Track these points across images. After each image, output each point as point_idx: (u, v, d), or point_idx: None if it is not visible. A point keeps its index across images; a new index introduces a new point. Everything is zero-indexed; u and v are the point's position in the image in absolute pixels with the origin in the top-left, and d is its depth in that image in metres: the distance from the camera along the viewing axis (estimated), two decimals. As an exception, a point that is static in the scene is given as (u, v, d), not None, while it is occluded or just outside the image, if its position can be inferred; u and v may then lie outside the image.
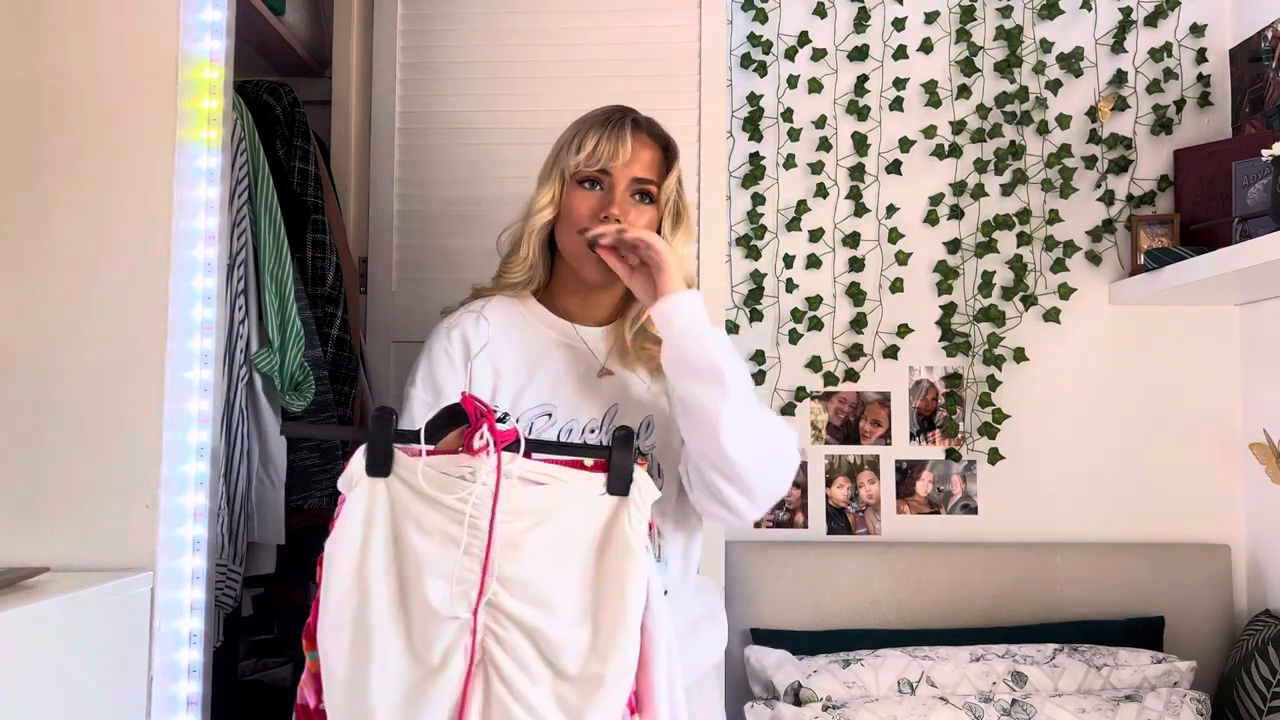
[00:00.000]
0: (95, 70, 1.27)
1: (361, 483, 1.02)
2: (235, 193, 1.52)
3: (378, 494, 1.03)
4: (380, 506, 1.02)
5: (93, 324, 1.25)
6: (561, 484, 1.04)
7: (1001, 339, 2.22)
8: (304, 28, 2.14)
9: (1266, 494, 2.09)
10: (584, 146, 1.29)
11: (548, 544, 1.02)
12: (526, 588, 1.01)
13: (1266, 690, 1.84)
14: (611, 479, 1.04)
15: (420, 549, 1.01)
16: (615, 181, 1.29)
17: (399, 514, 1.02)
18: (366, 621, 1.00)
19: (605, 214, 1.27)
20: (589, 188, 1.30)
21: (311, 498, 1.66)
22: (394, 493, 1.03)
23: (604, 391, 1.32)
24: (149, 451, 1.23)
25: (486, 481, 1.01)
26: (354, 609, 1.01)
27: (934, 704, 1.81)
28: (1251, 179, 1.84)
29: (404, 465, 1.03)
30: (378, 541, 1.02)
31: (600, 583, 1.02)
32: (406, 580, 1.01)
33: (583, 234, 1.25)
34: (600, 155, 1.28)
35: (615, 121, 1.31)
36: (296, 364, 1.59)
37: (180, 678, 1.25)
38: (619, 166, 1.29)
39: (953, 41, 2.28)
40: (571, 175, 1.31)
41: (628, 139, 1.29)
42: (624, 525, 1.04)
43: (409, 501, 1.02)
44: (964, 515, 2.22)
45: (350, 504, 1.02)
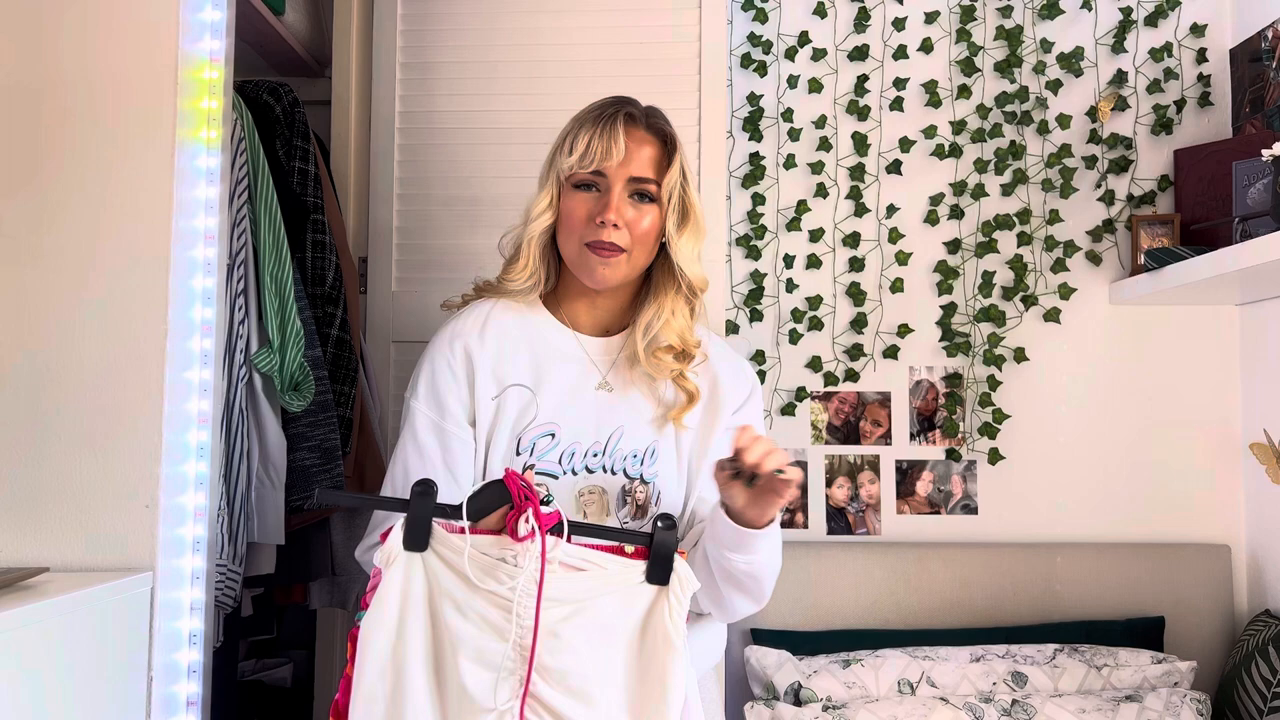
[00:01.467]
0: (95, 70, 1.27)
1: (399, 559, 0.98)
2: (235, 193, 1.52)
3: (414, 570, 0.99)
4: (418, 584, 0.99)
5: (93, 324, 1.25)
6: (601, 570, 1.01)
7: (1002, 339, 2.22)
8: (304, 28, 2.14)
9: (1266, 494, 2.09)
10: (575, 148, 1.23)
11: (587, 634, 0.99)
12: (565, 679, 0.98)
13: (1267, 690, 1.84)
14: (652, 567, 1.00)
15: (459, 632, 0.97)
16: (611, 183, 1.23)
17: (436, 593, 0.99)
18: (400, 704, 0.97)
19: (602, 219, 1.21)
20: (585, 190, 1.24)
21: (311, 498, 1.66)
22: (431, 570, 0.99)
23: (608, 413, 1.27)
24: (149, 451, 1.23)
25: (529, 569, 0.97)
26: (388, 691, 0.97)
27: (934, 704, 1.81)
28: (1252, 179, 1.84)
29: (443, 542, 0.99)
30: (414, 622, 0.98)
31: (641, 676, 1.00)
32: (443, 663, 0.98)
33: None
34: (592, 156, 1.22)
35: (607, 118, 1.24)
36: (296, 364, 1.59)
37: (180, 678, 1.25)
38: (613, 167, 1.22)
39: (953, 41, 2.28)
40: (566, 179, 1.25)
41: (620, 137, 1.22)
42: (664, 616, 1.00)
43: (448, 582, 0.98)
44: (964, 515, 2.22)
45: (387, 582, 0.98)
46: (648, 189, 1.25)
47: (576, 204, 1.24)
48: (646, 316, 1.28)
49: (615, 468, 1.27)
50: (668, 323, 1.27)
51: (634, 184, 1.24)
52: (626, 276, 1.27)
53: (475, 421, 1.27)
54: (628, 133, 1.24)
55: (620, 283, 1.27)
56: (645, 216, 1.25)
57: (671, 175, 1.25)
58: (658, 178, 1.25)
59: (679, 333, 1.28)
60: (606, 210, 1.21)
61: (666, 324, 1.27)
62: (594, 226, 1.22)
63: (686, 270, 1.28)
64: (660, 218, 1.26)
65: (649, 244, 1.26)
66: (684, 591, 1.01)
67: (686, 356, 1.29)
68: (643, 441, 1.27)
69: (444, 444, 1.25)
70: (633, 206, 1.24)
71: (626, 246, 1.24)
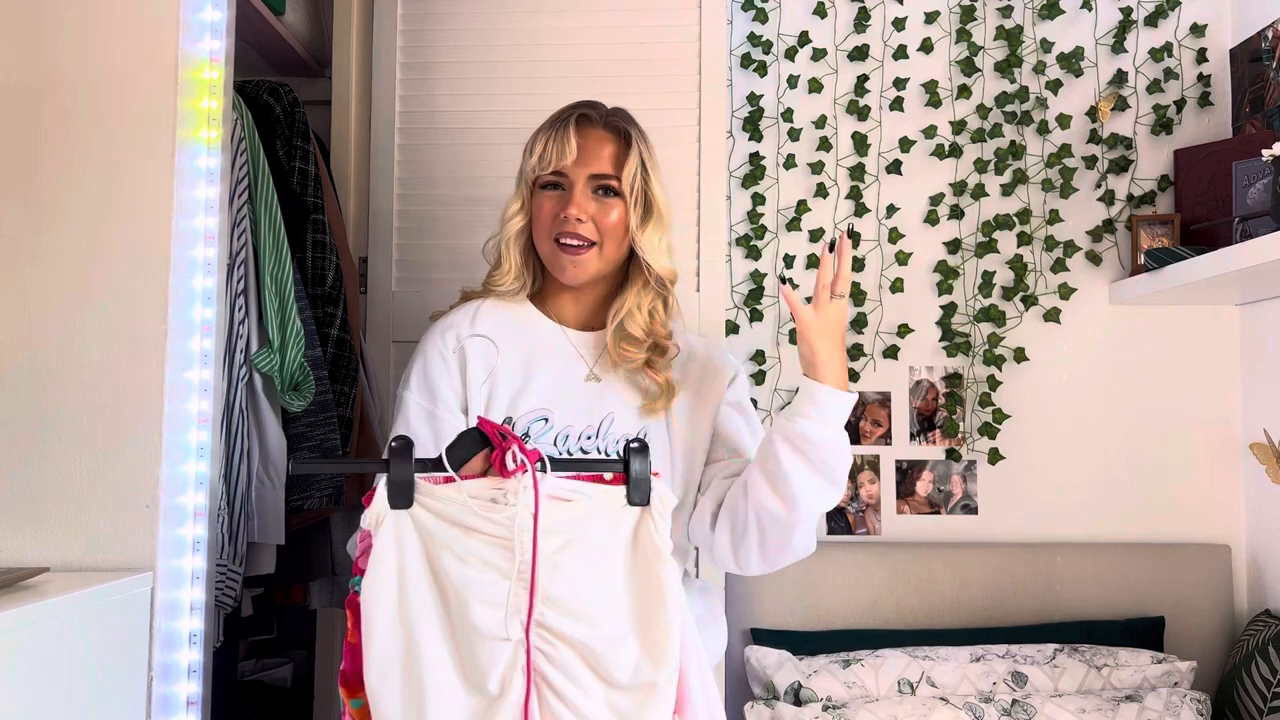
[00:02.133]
0: (95, 70, 1.27)
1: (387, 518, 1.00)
2: (235, 193, 1.52)
3: (405, 527, 1.00)
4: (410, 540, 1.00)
5: (93, 324, 1.25)
6: (586, 499, 1.04)
7: (1002, 339, 2.22)
8: (304, 28, 2.14)
9: (1266, 494, 2.09)
10: (534, 150, 1.30)
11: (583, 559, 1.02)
12: (569, 604, 1.01)
13: (1267, 690, 1.84)
14: (631, 490, 1.04)
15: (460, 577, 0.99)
16: (572, 181, 1.29)
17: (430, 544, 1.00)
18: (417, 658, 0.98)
19: (564, 214, 1.27)
20: (552, 190, 1.30)
21: (311, 498, 1.66)
22: (421, 523, 1.00)
23: (598, 401, 1.31)
24: (149, 451, 1.23)
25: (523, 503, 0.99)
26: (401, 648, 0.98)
27: (934, 704, 1.81)
28: (1252, 179, 1.84)
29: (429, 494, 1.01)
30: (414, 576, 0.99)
31: (639, 591, 1.03)
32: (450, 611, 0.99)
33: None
34: (549, 158, 1.28)
35: (562, 121, 1.31)
36: (296, 364, 1.59)
37: (180, 678, 1.25)
38: (570, 166, 1.28)
39: (953, 41, 2.28)
40: (533, 182, 1.31)
41: (571, 138, 1.28)
42: (650, 532, 1.04)
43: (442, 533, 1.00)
44: (964, 515, 2.22)
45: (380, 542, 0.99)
46: (609, 184, 1.30)
47: (544, 203, 1.30)
48: (615, 310, 1.32)
49: (609, 450, 1.30)
50: (632, 314, 1.31)
51: (595, 180, 1.29)
52: (599, 270, 1.31)
53: (467, 409, 1.31)
54: (583, 132, 1.30)
55: (593, 277, 1.32)
56: (612, 210, 1.29)
57: (629, 168, 1.29)
58: (617, 172, 1.30)
59: (643, 326, 1.32)
60: (568, 206, 1.27)
61: (631, 316, 1.31)
62: (559, 222, 1.28)
63: (652, 263, 1.32)
64: (626, 211, 1.30)
65: (618, 236, 1.31)
66: (665, 508, 1.05)
67: (658, 349, 1.33)
68: (633, 427, 1.31)
69: (436, 430, 1.28)
70: (596, 201, 1.29)
71: (595, 239, 1.29)
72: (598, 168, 1.29)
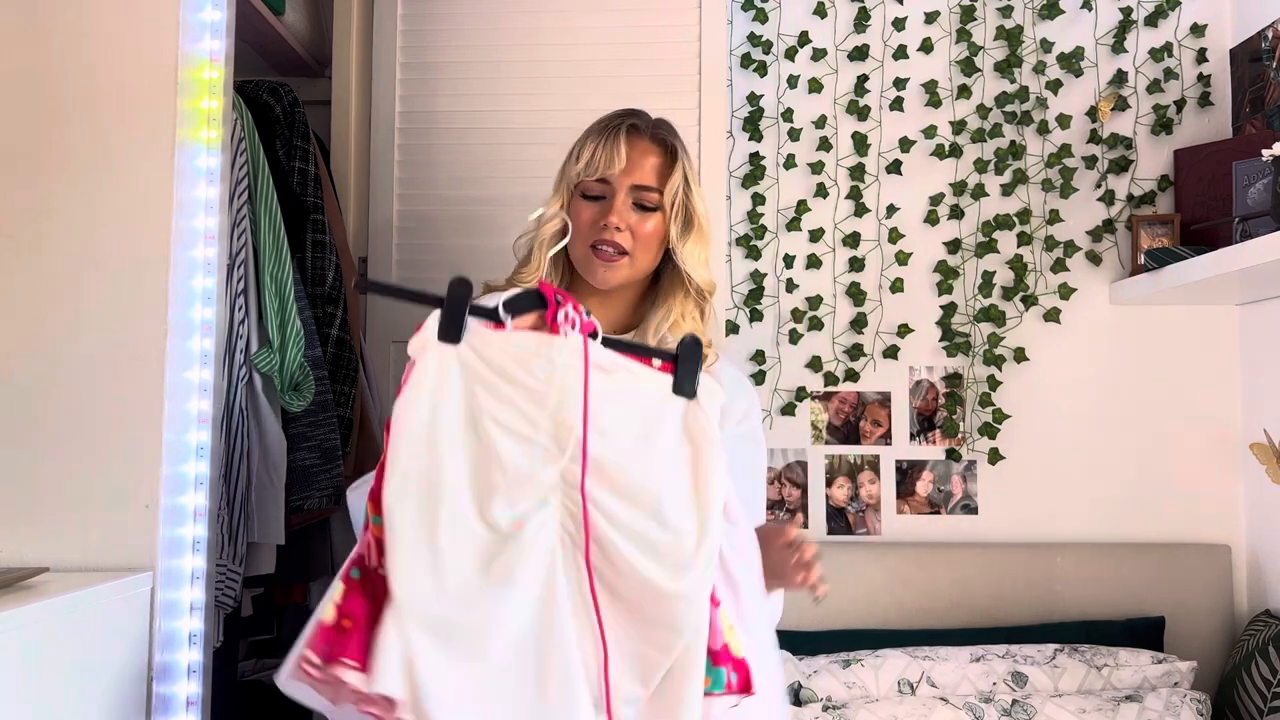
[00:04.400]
0: (95, 70, 1.27)
1: (432, 347, 0.96)
2: (235, 193, 1.52)
3: (448, 361, 0.96)
4: (453, 374, 0.96)
5: (93, 324, 1.25)
6: (632, 375, 1.03)
7: (1002, 339, 2.22)
8: (304, 28, 2.14)
9: (1266, 494, 2.09)
10: (582, 156, 1.30)
11: (628, 428, 1.00)
12: (610, 469, 0.99)
13: (1267, 690, 1.84)
14: (679, 380, 1.02)
15: (494, 414, 0.96)
16: (615, 190, 1.29)
17: (470, 381, 0.97)
18: (437, 482, 0.95)
19: (604, 223, 1.27)
20: (593, 199, 1.30)
21: (311, 498, 1.66)
22: (466, 363, 0.97)
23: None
24: (149, 451, 1.23)
25: (568, 360, 0.98)
26: (422, 470, 0.95)
27: (934, 704, 1.81)
28: (1251, 179, 1.84)
29: (477, 335, 0.98)
30: (448, 406, 0.96)
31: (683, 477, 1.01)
32: (478, 445, 0.96)
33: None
34: (596, 164, 1.29)
35: (612, 129, 1.31)
36: (296, 364, 1.59)
37: (180, 678, 1.25)
38: (616, 175, 1.29)
39: (953, 41, 2.28)
40: (575, 186, 1.31)
41: (622, 147, 1.29)
42: (700, 420, 1.03)
43: (482, 371, 0.97)
44: (964, 515, 2.22)
45: (421, 367, 0.96)
46: (650, 197, 1.30)
47: (584, 210, 1.30)
48: (655, 319, 1.33)
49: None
50: (676, 324, 1.32)
51: (637, 192, 1.30)
52: (629, 278, 1.32)
53: None
54: (631, 143, 1.31)
55: (623, 283, 1.32)
56: (648, 221, 1.30)
57: (673, 183, 1.31)
58: (660, 185, 1.31)
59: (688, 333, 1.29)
60: (609, 214, 1.28)
61: (675, 325, 1.32)
62: (598, 229, 1.28)
63: (694, 275, 1.33)
64: (664, 223, 1.31)
65: (652, 247, 1.32)
66: (712, 403, 1.04)
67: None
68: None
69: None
70: (636, 212, 1.30)
71: (629, 249, 1.29)
72: (641, 179, 1.30)
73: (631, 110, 1.36)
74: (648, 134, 1.33)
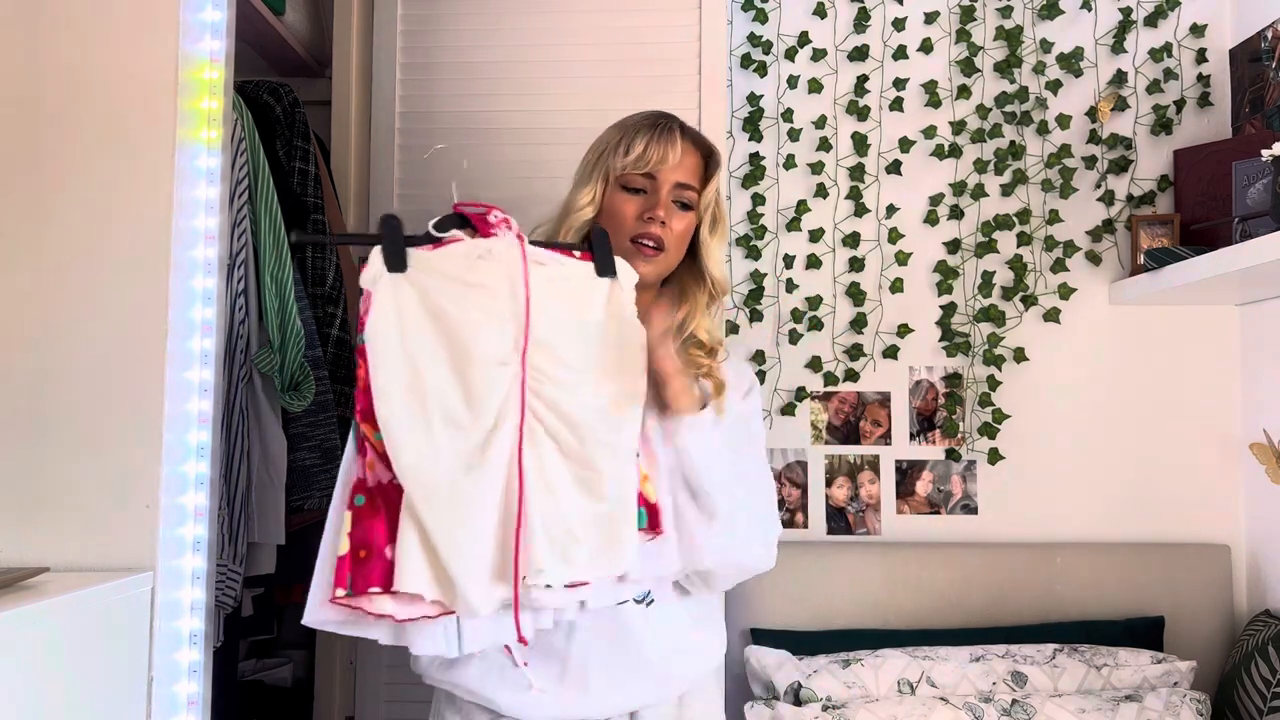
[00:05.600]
0: (95, 70, 1.27)
1: (384, 277, 1.06)
2: (235, 193, 1.52)
3: (401, 287, 1.06)
4: (409, 294, 1.06)
5: (93, 324, 1.25)
6: (561, 264, 1.14)
7: (1001, 339, 2.23)
8: (304, 28, 2.14)
9: (1266, 494, 2.09)
10: (633, 149, 1.30)
11: (564, 309, 1.12)
12: (554, 347, 1.10)
13: (1266, 690, 1.84)
14: (599, 264, 1.16)
15: (459, 319, 1.06)
16: (660, 185, 1.30)
17: (428, 297, 1.06)
18: (421, 389, 1.04)
19: (650, 215, 1.29)
20: (634, 192, 1.31)
21: (311, 498, 1.66)
22: (418, 282, 1.06)
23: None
24: (149, 451, 1.23)
25: (511, 254, 1.09)
26: (406, 381, 1.04)
27: (934, 704, 1.81)
28: (1251, 179, 1.84)
29: (423, 258, 1.07)
30: (414, 322, 1.05)
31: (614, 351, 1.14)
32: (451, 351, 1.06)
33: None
34: (650, 158, 1.30)
35: (664, 126, 1.33)
36: (296, 364, 1.59)
37: (180, 678, 1.25)
38: (666, 170, 1.30)
39: (953, 41, 2.28)
40: (617, 178, 1.32)
41: (677, 143, 1.31)
42: (621, 299, 1.16)
43: (436, 286, 1.06)
44: (964, 515, 2.22)
45: (379, 296, 1.05)
46: (689, 196, 1.33)
47: (625, 203, 1.31)
48: (680, 316, 1.34)
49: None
50: (700, 322, 1.35)
51: (678, 189, 1.32)
52: (660, 274, 1.34)
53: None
54: (681, 141, 1.33)
55: (655, 279, 1.35)
56: (682, 220, 1.33)
57: (714, 185, 1.35)
58: (700, 186, 1.34)
59: (709, 330, 1.36)
60: (656, 208, 1.29)
61: (699, 324, 1.35)
62: (641, 223, 1.30)
63: (714, 271, 1.36)
64: (694, 223, 1.34)
65: (682, 245, 1.34)
66: (629, 281, 1.18)
67: (714, 353, 1.36)
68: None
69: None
70: (675, 211, 1.32)
71: (667, 245, 1.31)
72: (684, 177, 1.32)
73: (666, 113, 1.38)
74: (690, 136, 1.35)
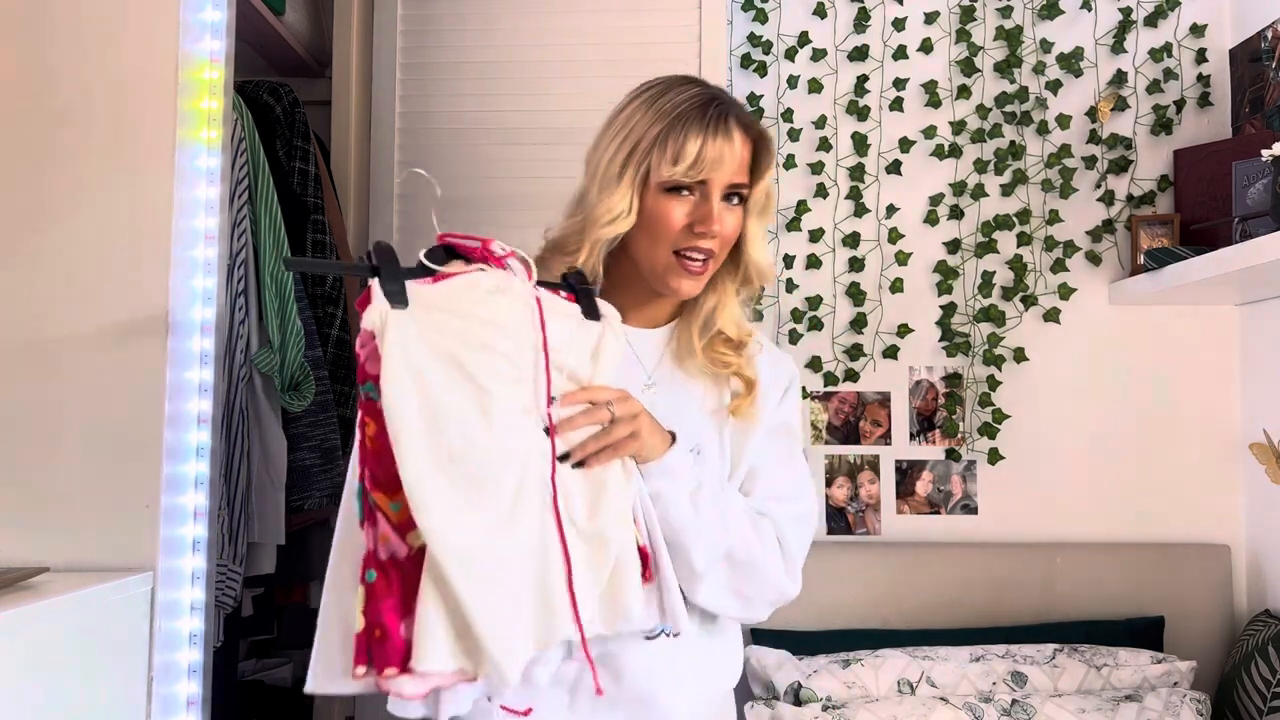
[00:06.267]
0: (95, 70, 1.27)
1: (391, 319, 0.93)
2: (235, 193, 1.52)
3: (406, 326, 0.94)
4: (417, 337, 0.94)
5: (93, 324, 1.25)
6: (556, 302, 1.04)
7: (1001, 339, 2.22)
8: (304, 28, 2.14)
9: (1266, 494, 2.09)
10: (684, 154, 1.09)
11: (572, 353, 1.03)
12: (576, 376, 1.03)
13: (1266, 690, 1.84)
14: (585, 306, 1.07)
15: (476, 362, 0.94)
16: (713, 187, 1.11)
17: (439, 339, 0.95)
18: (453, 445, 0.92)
19: (704, 227, 1.11)
20: (678, 194, 1.12)
21: (311, 498, 1.66)
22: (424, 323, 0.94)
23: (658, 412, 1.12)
24: (149, 451, 1.23)
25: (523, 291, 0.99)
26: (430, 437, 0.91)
27: (934, 704, 1.81)
28: (1251, 179, 1.84)
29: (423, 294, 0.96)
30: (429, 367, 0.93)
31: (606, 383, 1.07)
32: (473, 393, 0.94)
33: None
34: (703, 164, 1.10)
35: (716, 116, 1.11)
36: (296, 364, 1.59)
37: (180, 678, 1.25)
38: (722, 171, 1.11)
39: (953, 42, 2.28)
40: (660, 183, 1.11)
41: (735, 139, 1.12)
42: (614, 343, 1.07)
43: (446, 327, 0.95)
44: (964, 515, 2.22)
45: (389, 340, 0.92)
46: (741, 192, 1.15)
47: (670, 209, 1.12)
48: (706, 310, 1.20)
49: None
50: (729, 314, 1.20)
51: (730, 188, 1.14)
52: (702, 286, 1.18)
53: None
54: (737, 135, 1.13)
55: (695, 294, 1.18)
56: (734, 218, 1.15)
57: (767, 178, 1.17)
58: (751, 181, 1.16)
59: (735, 320, 1.20)
60: (710, 220, 1.11)
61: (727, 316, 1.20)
62: (690, 234, 1.12)
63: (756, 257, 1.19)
64: (743, 217, 1.17)
65: (730, 246, 1.17)
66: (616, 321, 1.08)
67: (741, 346, 1.22)
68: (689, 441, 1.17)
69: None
70: (727, 210, 1.14)
71: (717, 252, 1.15)
72: (738, 176, 1.13)
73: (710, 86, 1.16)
74: (742, 122, 1.14)
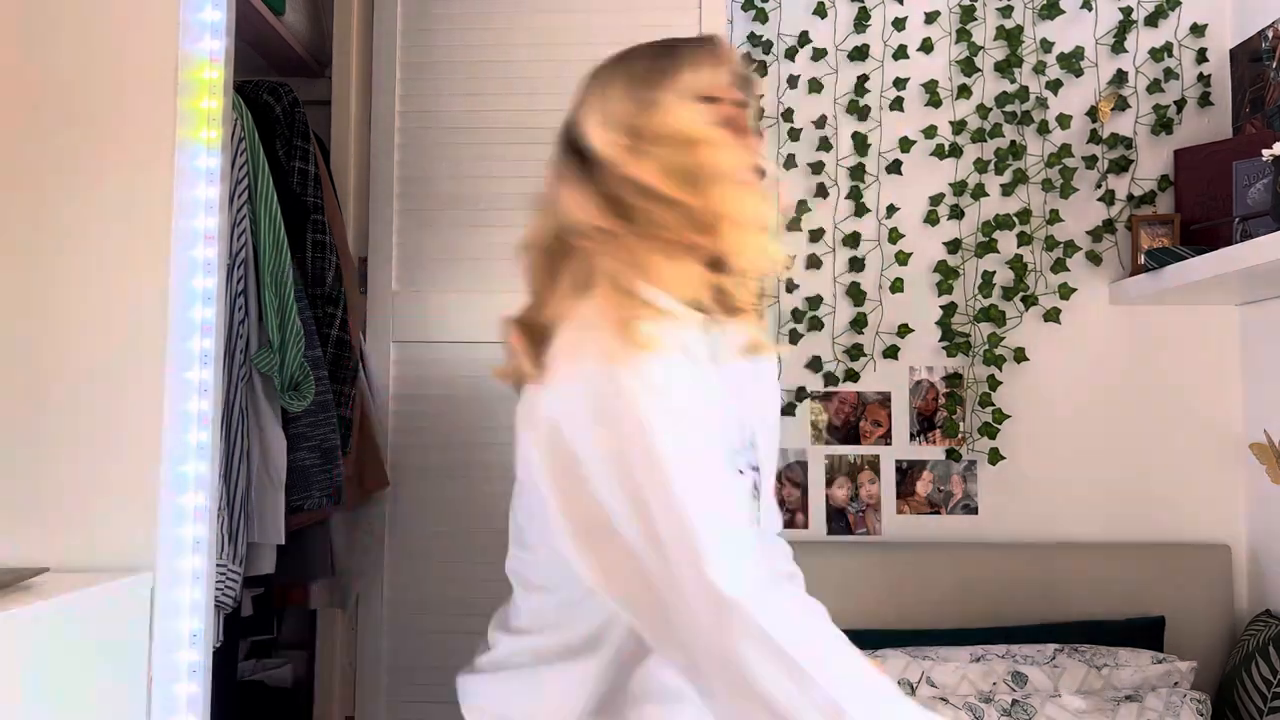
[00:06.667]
0: (95, 70, 1.27)
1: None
2: (235, 193, 1.52)
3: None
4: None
5: (92, 324, 1.25)
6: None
7: (1002, 339, 2.22)
8: (304, 28, 2.13)
9: (1266, 494, 2.09)
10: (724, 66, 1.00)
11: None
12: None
13: (1267, 690, 1.84)
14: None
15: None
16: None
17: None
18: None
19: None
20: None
21: (311, 498, 1.66)
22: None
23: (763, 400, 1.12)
24: (149, 451, 1.23)
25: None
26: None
27: (934, 704, 1.81)
28: (1252, 179, 1.84)
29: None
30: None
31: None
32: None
33: None
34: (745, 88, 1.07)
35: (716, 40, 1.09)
36: (296, 364, 1.59)
37: (180, 678, 1.24)
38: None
39: (953, 41, 2.28)
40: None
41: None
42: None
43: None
44: (964, 515, 2.22)
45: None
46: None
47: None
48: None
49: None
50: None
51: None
52: None
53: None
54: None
55: None
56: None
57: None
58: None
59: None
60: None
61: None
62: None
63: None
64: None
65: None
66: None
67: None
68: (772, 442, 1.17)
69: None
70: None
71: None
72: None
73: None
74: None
